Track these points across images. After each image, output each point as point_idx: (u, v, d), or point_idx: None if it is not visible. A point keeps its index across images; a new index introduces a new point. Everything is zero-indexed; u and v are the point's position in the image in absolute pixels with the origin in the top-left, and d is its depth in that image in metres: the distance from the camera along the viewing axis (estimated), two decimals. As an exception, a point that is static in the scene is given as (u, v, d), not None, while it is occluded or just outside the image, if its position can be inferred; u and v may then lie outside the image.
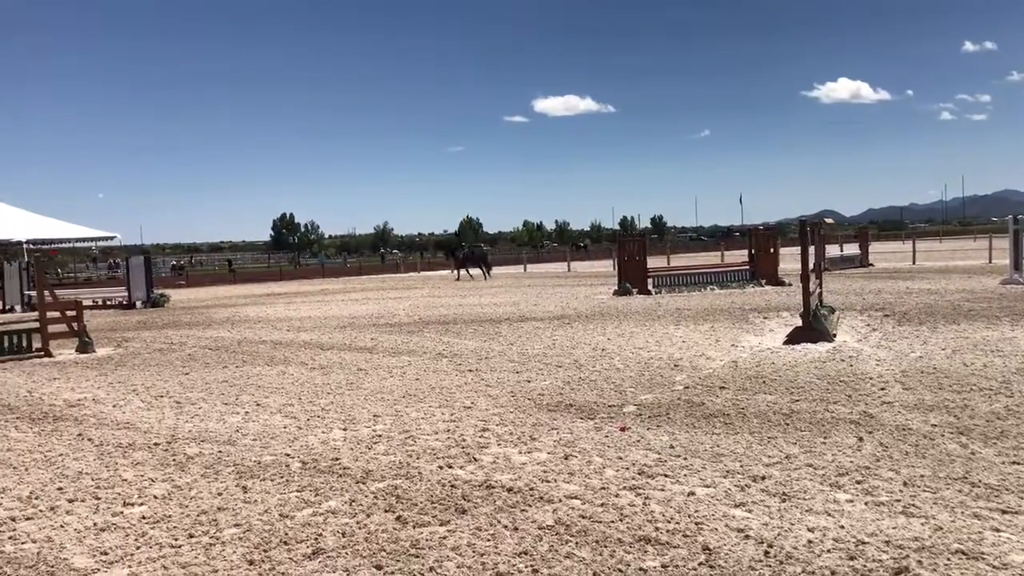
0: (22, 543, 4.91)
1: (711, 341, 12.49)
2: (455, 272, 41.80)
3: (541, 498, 5.31)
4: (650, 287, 23.30)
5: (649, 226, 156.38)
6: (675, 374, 9.72)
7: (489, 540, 4.62)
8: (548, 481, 5.67)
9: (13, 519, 5.36)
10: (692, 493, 5.30)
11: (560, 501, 5.24)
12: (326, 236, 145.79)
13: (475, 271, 40.43)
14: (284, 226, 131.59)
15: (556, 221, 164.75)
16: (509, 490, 5.49)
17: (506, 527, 4.81)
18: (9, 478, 6.39)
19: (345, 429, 7.56)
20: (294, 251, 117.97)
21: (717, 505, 5.07)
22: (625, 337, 13.38)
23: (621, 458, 6.20)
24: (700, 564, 4.19)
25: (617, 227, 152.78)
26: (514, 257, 68.71)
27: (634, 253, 23.86)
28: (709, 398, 8.25)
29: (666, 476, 5.70)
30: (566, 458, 6.24)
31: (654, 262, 26.51)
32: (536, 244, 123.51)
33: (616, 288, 23.43)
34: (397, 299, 26.41)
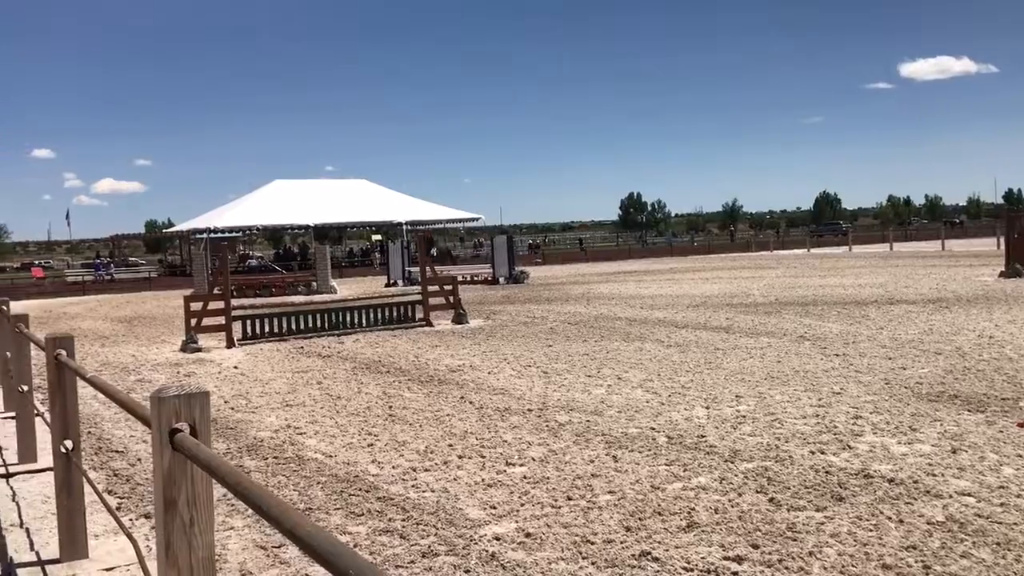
0: (423, 492, 5.49)
1: None
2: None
3: (927, 492, 4.94)
4: (1044, 268, 20.64)
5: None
6: (1083, 367, 8.54)
7: (871, 531, 4.38)
8: (934, 475, 5.26)
9: (414, 470, 6.00)
10: (1116, 502, 4.63)
11: (950, 497, 4.83)
12: (673, 215, 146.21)
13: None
14: (632, 205, 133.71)
15: (926, 195, 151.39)
16: (890, 481, 5.17)
17: (890, 519, 4.53)
18: (407, 433, 7.16)
19: (707, 407, 7.55)
20: (641, 230, 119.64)
21: None
22: (1017, 324, 11.99)
23: (1021, 456, 5.58)
24: None
25: (1001, 201, 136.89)
26: (878, 235, 64.22)
27: (1025, 229, 21.27)
28: None
29: (1080, 480, 5.03)
30: (954, 452, 5.74)
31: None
32: (903, 221, 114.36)
33: (1003, 269, 21.05)
34: (750, 279, 25.83)
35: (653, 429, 6.82)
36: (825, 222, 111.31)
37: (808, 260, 37.56)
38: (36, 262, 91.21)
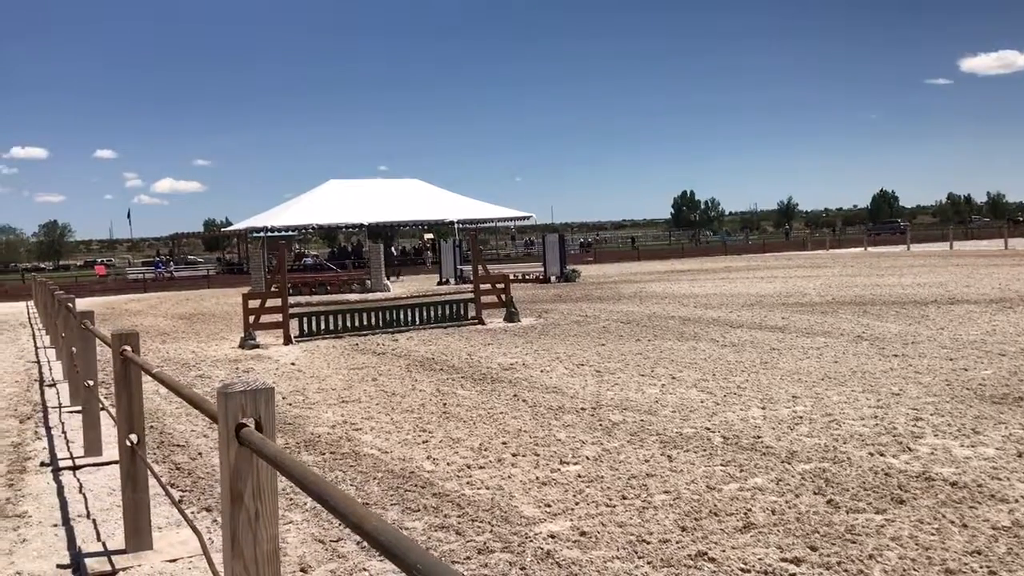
0: (478, 488, 5.51)
1: None
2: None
3: (992, 496, 4.83)
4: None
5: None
6: None
7: (934, 534, 4.29)
8: (999, 479, 5.13)
9: (468, 467, 6.03)
10: None
11: (1016, 501, 4.72)
12: (726, 213, 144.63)
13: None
14: (684, 203, 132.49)
15: (988, 193, 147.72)
16: (952, 484, 5.06)
17: (952, 523, 4.44)
18: (461, 430, 7.20)
19: (763, 408, 7.47)
20: (694, 228, 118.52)
21: None
22: (1084, 324, 11.65)
23: (1090, 461, 5.42)
24: None
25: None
26: (937, 234, 62.81)
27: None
28: None
29: None
30: (1020, 455, 5.60)
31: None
32: (963, 219, 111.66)
33: (1067, 268, 20.48)
34: (806, 278, 25.46)
35: (708, 429, 6.77)
36: (882, 220, 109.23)
37: (865, 259, 36.91)
38: (99, 260, 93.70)
